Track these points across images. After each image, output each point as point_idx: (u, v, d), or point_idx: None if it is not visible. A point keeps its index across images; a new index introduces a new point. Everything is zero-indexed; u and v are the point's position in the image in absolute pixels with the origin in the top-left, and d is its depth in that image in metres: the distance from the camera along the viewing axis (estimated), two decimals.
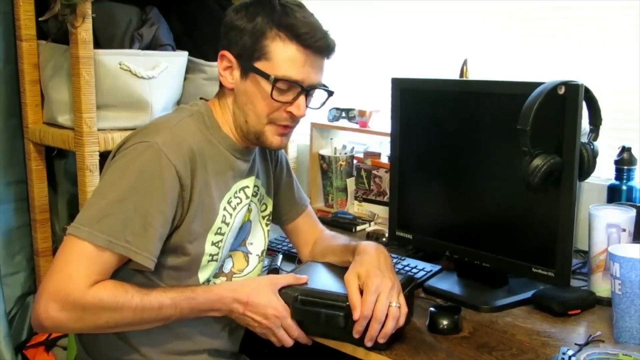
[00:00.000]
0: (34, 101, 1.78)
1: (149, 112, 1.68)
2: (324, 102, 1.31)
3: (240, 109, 1.23)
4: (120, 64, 1.61)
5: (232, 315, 1.20)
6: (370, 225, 1.96)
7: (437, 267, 1.56)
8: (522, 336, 1.23)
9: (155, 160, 1.12)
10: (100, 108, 1.61)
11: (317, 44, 1.18)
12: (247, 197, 1.31)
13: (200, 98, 1.31)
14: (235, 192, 1.28)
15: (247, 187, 1.31)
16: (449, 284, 1.47)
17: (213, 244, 1.23)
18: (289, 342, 1.21)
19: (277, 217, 1.48)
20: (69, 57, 1.59)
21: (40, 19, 1.65)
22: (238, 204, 1.28)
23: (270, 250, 1.71)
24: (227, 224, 1.25)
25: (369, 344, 1.16)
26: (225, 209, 1.25)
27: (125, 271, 1.15)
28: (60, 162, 1.93)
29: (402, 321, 1.17)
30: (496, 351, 1.17)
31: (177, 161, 1.13)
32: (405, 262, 1.60)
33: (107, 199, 1.11)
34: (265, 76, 1.18)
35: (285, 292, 1.21)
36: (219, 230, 1.23)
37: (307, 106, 1.24)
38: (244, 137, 1.25)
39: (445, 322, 1.24)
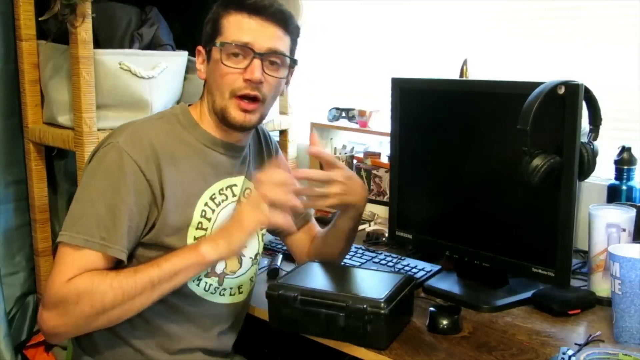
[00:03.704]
0: (34, 101, 1.77)
1: (148, 112, 1.68)
2: (289, 73, 1.29)
3: (210, 93, 1.27)
4: (120, 64, 1.61)
5: (227, 247, 1.15)
6: (370, 225, 1.96)
7: (437, 267, 1.56)
8: (522, 336, 1.23)
9: (117, 157, 1.17)
10: (100, 108, 1.61)
11: (260, 5, 1.20)
12: (234, 195, 1.31)
13: (189, 105, 1.32)
14: (221, 189, 1.29)
15: (235, 185, 1.32)
16: (449, 284, 1.47)
17: (196, 239, 1.23)
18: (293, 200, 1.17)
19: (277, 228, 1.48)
20: (69, 57, 1.58)
21: (40, 19, 1.64)
22: (223, 200, 1.29)
23: (270, 250, 1.72)
24: (209, 219, 1.26)
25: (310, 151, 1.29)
26: (206, 204, 1.25)
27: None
28: (60, 162, 1.93)
29: (322, 203, 1.28)
30: (496, 351, 1.17)
31: (138, 157, 1.17)
32: (405, 262, 1.60)
33: (81, 202, 1.18)
34: (215, 44, 1.22)
35: (284, 292, 1.21)
36: (199, 225, 1.24)
37: (267, 73, 1.22)
38: (220, 123, 1.26)
39: (445, 322, 1.24)
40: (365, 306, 1.15)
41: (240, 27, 1.21)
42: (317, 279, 1.28)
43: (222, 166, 1.29)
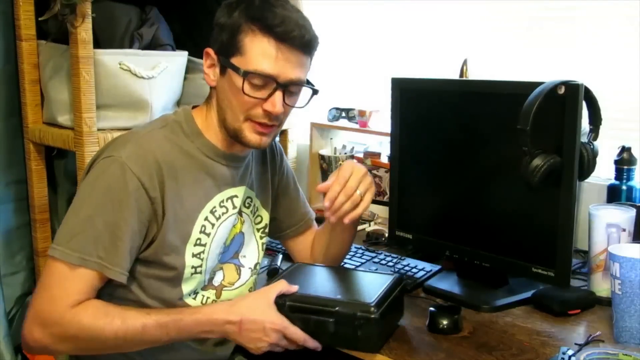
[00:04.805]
0: (34, 101, 1.77)
1: (148, 112, 1.68)
2: (309, 101, 1.25)
3: (220, 107, 1.21)
4: (120, 64, 1.61)
5: (229, 337, 1.16)
6: (370, 225, 1.96)
7: (437, 267, 1.56)
8: (522, 336, 1.23)
9: (119, 174, 1.12)
10: (100, 108, 1.61)
11: (290, 36, 1.13)
12: (235, 207, 1.28)
13: (193, 107, 1.28)
14: (221, 202, 1.26)
15: (236, 196, 1.28)
16: (449, 284, 1.47)
17: (194, 255, 1.21)
18: (297, 346, 1.17)
19: (279, 231, 1.47)
20: (69, 57, 1.58)
21: (40, 19, 1.64)
22: (223, 213, 1.26)
23: (270, 250, 1.72)
24: (208, 235, 1.23)
25: (327, 213, 1.24)
26: (206, 218, 1.22)
27: (107, 285, 1.15)
28: (60, 162, 1.93)
29: (358, 212, 1.23)
30: (496, 351, 1.17)
31: (142, 174, 1.13)
32: (405, 262, 1.60)
33: (78, 217, 1.13)
34: (237, 70, 1.15)
35: (275, 299, 1.17)
36: (198, 242, 1.21)
37: (287, 104, 1.18)
38: (229, 137, 1.22)
39: (445, 322, 1.24)
40: (355, 311, 1.13)
41: (266, 56, 1.13)
42: (306, 282, 1.24)
43: (223, 177, 1.26)
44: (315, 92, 1.24)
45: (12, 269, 1.85)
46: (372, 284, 1.23)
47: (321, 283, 1.27)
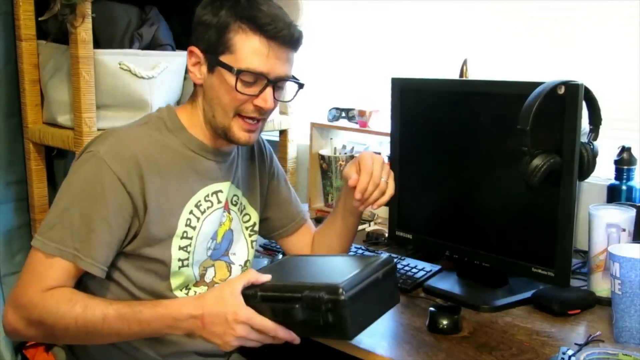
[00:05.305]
0: (34, 101, 1.78)
1: (148, 111, 1.68)
2: (295, 94, 1.29)
3: (208, 104, 1.22)
4: (120, 64, 1.61)
5: (196, 335, 1.09)
6: (370, 225, 1.96)
7: (437, 267, 1.56)
8: (522, 336, 1.23)
9: (96, 169, 1.14)
10: (100, 108, 1.61)
11: (280, 34, 1.16)
12: (220, 202, 1.28)
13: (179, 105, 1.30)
14: (206, 196, 1.26)
15: (221, 191, 1.29)
16: (449, 284, 1.47)
17: (180, 248, 1.21)
18: (273, 341, 1.09)
19: (272, 231, 1.48)
20: (69, 57, 1.59)
21: (40, 19, 1.65)
22: (208, 207, 1.26)
23: (270, 250, 1.72)
24: (194, 228, 1.23)
25: (356, 203, 1.32)
26: (191, 212, 1.23)
27: (97, 278, 1.16)
28: (60, 162, 1.93)
29: (385, 198, 1.32)
30: (496, 351, 1.17)
31: (118, 169, 1.14)
32: (405, 262, 1.60)
33: (57, 209, 1.16)
34: (229, 69, 1.16)
35: (245, 291, 1.08)
36: (184, 234, 1.22)
37: (276, 99, 1.21)
38: (215, 134, 1.24)
39: (445, 322, 1.24)
40: (322, 294, 1.01)
41: (258, 54, 1.16)
42: (288, 272, 1.18)
43: (208, 172, 1.26)
44: (301, 86, 1.27)
45: (12, 269, 1.85)
46: (353, 266, 1.11)
47: (303, 271, 1.21)
